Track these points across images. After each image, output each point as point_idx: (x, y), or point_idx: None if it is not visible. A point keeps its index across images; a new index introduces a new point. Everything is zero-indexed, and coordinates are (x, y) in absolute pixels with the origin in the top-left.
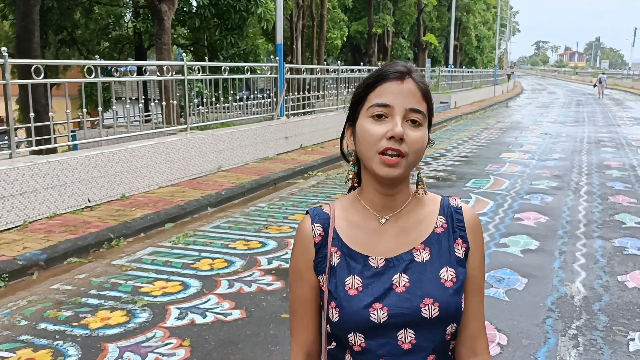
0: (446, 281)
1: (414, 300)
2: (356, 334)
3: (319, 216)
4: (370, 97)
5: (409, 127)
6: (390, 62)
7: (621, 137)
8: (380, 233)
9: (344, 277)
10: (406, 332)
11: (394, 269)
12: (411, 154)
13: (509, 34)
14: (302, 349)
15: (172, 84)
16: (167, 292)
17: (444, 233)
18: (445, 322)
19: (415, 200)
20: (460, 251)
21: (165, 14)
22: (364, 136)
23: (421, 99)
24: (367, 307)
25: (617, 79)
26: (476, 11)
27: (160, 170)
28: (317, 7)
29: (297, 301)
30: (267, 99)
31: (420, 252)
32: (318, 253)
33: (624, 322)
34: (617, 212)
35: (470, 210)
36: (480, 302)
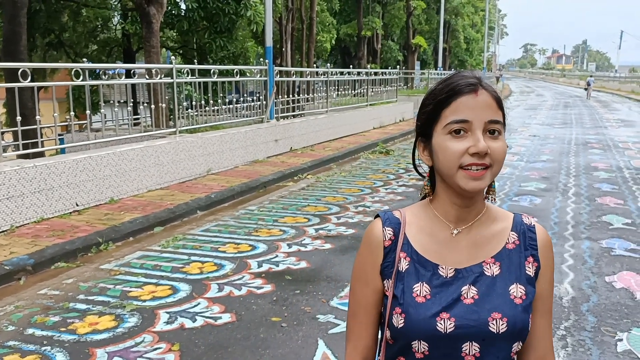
0: (515, 297)
1: (482, 313)
2: (420, 342)
3: (390, 220)
4: (445, 113)
5: (489, 139)
6: (456, 73)
7: (608, 139)
8: (451, 243)
9: (412, 283)
10: (471, 345)
11: (463, 280)
12: (495, 164)
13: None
14: (359, 354)
15: (161, 87)
16: (156, 296)
17: (516, 249)
18: (512, 339)
19: (488, 214)
20: (530, 269)
21: (154, 17)
22: (445, 153)
23: (497, 108)
24: (434, 316)
25: (604, 82)
26: (465, 14)
27: (150, 174)
28: (307, 10)
29: (359, 305)
30: (257, 101)
31: (491, 265)
32: (386, 257)
33: (611, 323)
34: (605, 213)
35: (543, 229)
36: (549, 324)
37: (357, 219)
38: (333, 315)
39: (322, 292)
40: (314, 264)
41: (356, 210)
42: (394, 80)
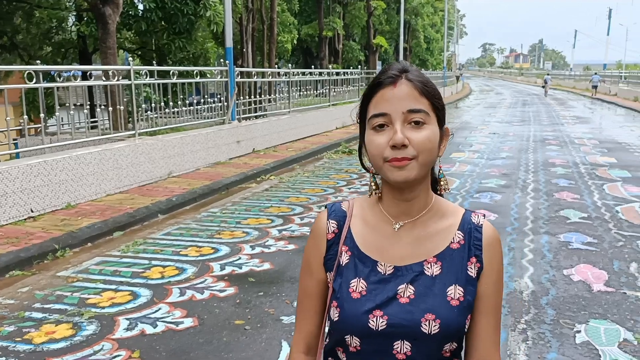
0: (452, 299)
1: (416, 313)
2: (352, 337)
3: (335, 213)
4: (369, 108)
5: (411, 130)
6: (387, 65)
7: (564, 136)
8: (393, 239)
9: (350, 278)
10: (403, 343)
11: (401, 278)
12: (420, 154)
13: (457, 36)
14: (303, 340)
15: (119, 89)
16: (116, 303)
17: (459, 250)
18: (444, 340)
19: (436, 209)
20: (472, 270)
21: (109, 18)
22: (370, 149)
23: (419, 97)
24: (367, 312)
25: (559, 80)
26: (424, 14)
27: (108, 178)
28: (267, 11)
29: (304, 293)
30: (218, 103)
31: (432, 265)
32: (329, 250)
33: (570, 315)
34: (562, 207)
35: (490, 228)
36: (493, 323)
37: None
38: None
39: (285, 293)
40: (277, 265)
41: (319, 210)
42: (356, 80)
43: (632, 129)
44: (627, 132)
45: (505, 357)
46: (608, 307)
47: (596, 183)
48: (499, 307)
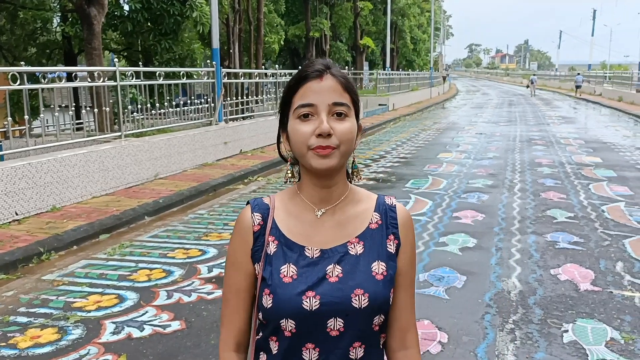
0: (377, 274)
1: (346, 290)
2: (288, 320)
3: (259, 206)
4: (294, 99)
5: (335, 121)
6: (309, 61)
7: (550, 136)
8: (317, 225)
9: (280, 265)
10: (336, 320)
11: (328, 259)
12: (342, 144)
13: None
14: (232, 338)
15: (104, 91)
16: (102, 306)
17: (378, 229)
18: (374, 313)
19: (352, 196)
20: (391, 247)
21: (94, 18)
22: (295, 136)
23: (343, 91)
24: (300, 294)
25: (545, 80)
26: (411, 15)
27: (94, 180)
28: (254, 11)
29: (232, 290)
30: (205, 104)
31: (355, 245)
32: (256, 241)
33: (557, 315)
34: (549, 207)
35: (403, 209)
36: (410, 296)
37: None
38: None
39: None
40: None
41: None
42: None
43: (617, 128)
44: (612, 131)
45: (493, 358)
46: (595, 306)
47: (582, 183)
48: (414, 281)
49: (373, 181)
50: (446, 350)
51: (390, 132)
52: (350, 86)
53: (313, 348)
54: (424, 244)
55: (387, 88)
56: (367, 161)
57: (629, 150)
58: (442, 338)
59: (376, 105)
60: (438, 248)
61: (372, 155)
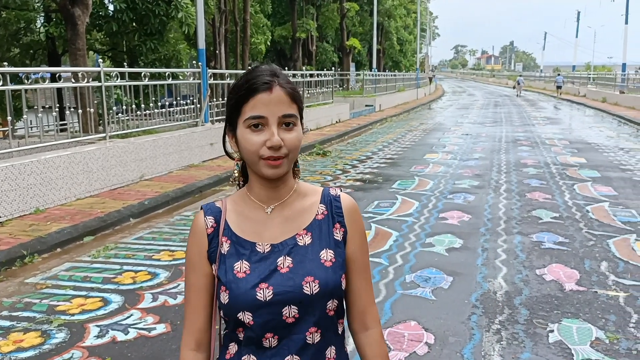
0: (326, 261)
1: (297, 279)
2: (245, 313)
3: (211, 210)
4: (244, 109)
5: (284, 131)
6: (255, 68)
7: (536, 136)
8: (267, 222)
9: (233, 262)
10: (290, 308)
11: (278, 253)
12: (291, 152)
13: (430, 38)
14: (192, 338)
15: (89, 91)
16: (86, 310)
17: (324, 219)
18: (326, 298)
19: (299, 191)
20: (338, 235)
21: (79, 19)
22: (246, 145)
23: (290, 102)
24: (254, 287)
25: (530, 81)
26: (397, 16)
27: (78, 181)
28: (240, 12)
29: (191, 290)
30: (191, 105)
31: (303, 236)
32: (211, 243)
33: (543, 315)
34: (534, 208)
35: (348, 198)
36: (365, 280)
37: None
38: None
39: None
40: None
41: None
42: (329, 81)
43: (601, 129)
44: (596, 132)
45: (479, 358)
46: (580, 306)
47: (567, 183)
48: (368, 265)
49: (360, 182)
50: (433, 351)
51: (377, 133)
52: (297, 96)
53: (272, 336)
54: (410, 244)
55: (374, 89)
56: (353, 162)
57: (612, 151)
58: (429, 339)
59: (363, 106)
60: (424, 249)
61: (359, 156)
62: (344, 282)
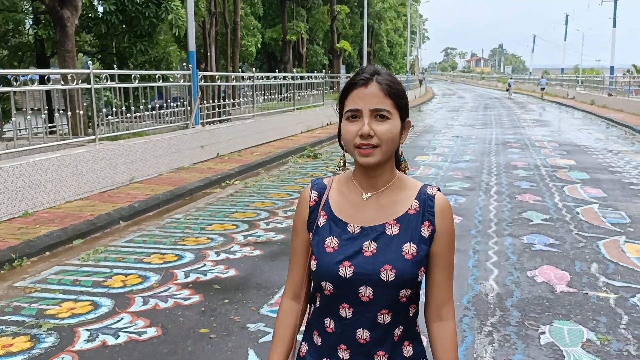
0: (407, 254)
1: (377, 264)
2: (327, 283)
3: (317, 185)
4: (346, 103)
5: (377, 123)
6: (362, 67)
7: (525, 139)
8: (362, 206)
9: (326, 236)
10: (366, 288)
11: (367, 236)
12: (384, 143)
13: (420, 41)
14: (291, 289)
15: (78, 93)
16: (76, 313)
17: (415, 215)
18: (400, 286)
19: (398, 183)
20: (426, 232)
21: (68, 20)
22: (344, 134)
23: (384, 97)
24: (337, 263)
25: (520, 84)
26: (387, 18)
27: (67, 184)
28: (230, 14)
29: (294, 250)
30: (181, 107)
31: (392, 226)
32: (311, 214)
33: (534, 317)
34: (525, 210)
35: (442, 198)
36: (447, 277)
37: (286, 224)
38: (263, 324)
39: (252, 300)
40: (243, 272)
41: (285, 215)
42: (320, 84)
43: (590, 131)
44: (585, 134)
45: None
46: (571, 308)
47: (557, 185)
48: (452, 263)
49: None
50: None
51: None
52: (394, 91)
53: (348, 308)
54: None
55: None
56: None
57: (601, 153)
58: None
59: None
60: None
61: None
62: (421, 276)
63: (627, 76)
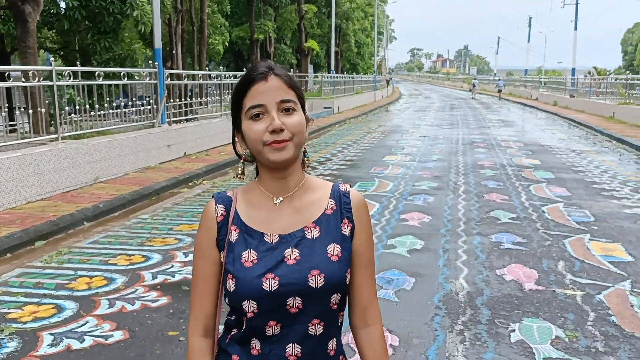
0: (332, 255)
1: (303, 271)
2: (250, 301)
3: (222, 199)
4: (245, 102)
5: (284, 116)
6: (252, 64)
7: (491, 139)
8: (275, 212)
9: (242, 251)
10: (294, 299)
11: (286, 244)
12: (295, 136)
13: (387, 41)
14: (200, 323)
15: (40, 91)
16: (39, 317)
17: (333, 214)
18: (330, 292)
19: (308, 184)
20: (346, 230)
21: (29, 16)
22: (250, 135)
23: (288, 89)
24: (260, 277)
25: (484, 85)
26: (355, 19)
27: (29, 184)
28: (197, 12)
29: (200, 277)
30: (147, 106)
31: (311, 230)
32: (220, 231)
33: (504, 315)
34: (492, 209)
35: (357, 194)
36: (369, 276)
37: None
38: None
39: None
40: None
41: None
42: None
43: (553, 132)
44: (549, 135)
45: (444, 359)
46: (540, 305)
47: (523, 184)
48: (373, 261)
49: None
50: (397, 353)
51: (336, 134)
52: (294, 83)
53: (275, 324)
54: None
55: (332, 91)
56: (313, 164)
57: (565, 153)
58: (393, 341)
59: (321, 108)
60: (386, 250)
61: (319, 158)
62: (348, 277)
63: (588, 78)
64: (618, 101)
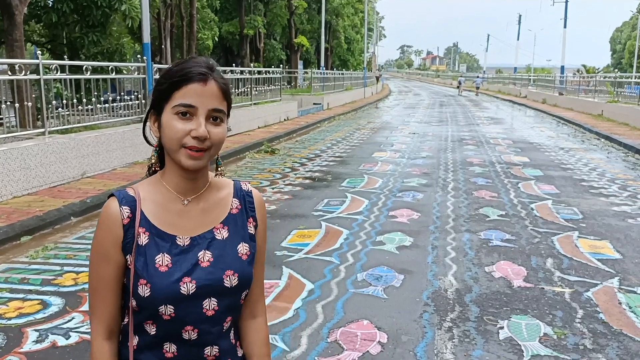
0: (242, 255)
1: (217, 272)
2: (166, 306)
3: (125, 199)
4: (175, 95)
5: (211, 125)
6: (191, 58)
7: (480, 136)
8: (184, 213)
9: (154, 255)
10: (210, 301)
11: (198, 246)
12: (213, 147)
13: (377, 38)
14: (105, 327)
15: (27, 84)
16: (24, 313)
17: (239, 214)
18: (242, 290)
19: (214, 183)
20: (251, 228)
21: (16, 8)
22: (170, 131)
23: (222, 98)
24: (177, 281)
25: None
26: (345, 15)
27: (15, 179)
28: (186, 7)
29: (100, 280)
30: (136, 100)
31: (220, 230)
32: (126, 234)
33: (493, 312)
34: (481, 206)
35: (257, 193)
36: (261, 272)
37: None
38: None
39: None
40: None
41: None
42: (277, 79)
43: (542, 129)
44: (538, 132)
45: (432, 357)
46: (528, 303)
47: (512, 182)
48: (264, 258)
49: (309, 180)
50: (386, 350)
51: (325, 131)
52: (228, 92)
53: (192, 329)
54: (361, 243)
55: (322, 87)
56: (302, 160)
57: (553, 150)
58: (382, 338)
59: (311, 104)
60: (375, 247)
61: (308, 154)
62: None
63: (577, 76)
64: (607, 99)
